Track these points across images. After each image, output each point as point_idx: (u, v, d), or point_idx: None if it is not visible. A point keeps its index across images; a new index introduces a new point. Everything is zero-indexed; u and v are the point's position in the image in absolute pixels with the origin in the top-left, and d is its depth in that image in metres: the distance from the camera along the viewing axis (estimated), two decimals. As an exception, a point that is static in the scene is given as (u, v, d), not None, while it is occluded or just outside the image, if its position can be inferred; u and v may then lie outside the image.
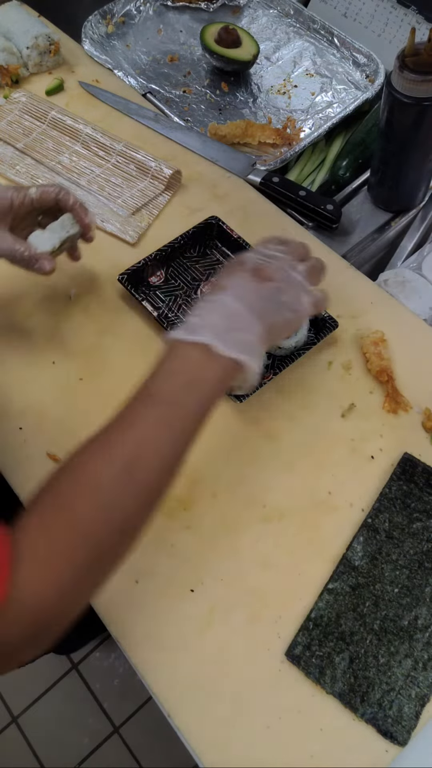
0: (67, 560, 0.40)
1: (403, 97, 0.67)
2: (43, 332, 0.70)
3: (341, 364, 0.67)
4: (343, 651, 0.53)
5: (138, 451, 0.43)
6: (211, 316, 0.48)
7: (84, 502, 0.41)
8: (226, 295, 0.50)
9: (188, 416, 0.46)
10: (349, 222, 0.82)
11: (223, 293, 0.50)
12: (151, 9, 1.04)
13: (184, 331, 0.48)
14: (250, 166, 0.83)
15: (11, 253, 0.60)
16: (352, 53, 0.95)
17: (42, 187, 0.62)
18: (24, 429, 0.64)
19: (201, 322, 0.48)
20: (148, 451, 0.43)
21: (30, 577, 0.38)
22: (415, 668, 0.52)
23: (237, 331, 0.48)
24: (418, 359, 0.67)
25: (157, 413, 0.45)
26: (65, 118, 0.85)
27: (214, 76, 0.96)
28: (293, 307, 0.53)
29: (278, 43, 0.99)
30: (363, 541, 0.57)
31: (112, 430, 0.44)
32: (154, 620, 0.54)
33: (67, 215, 0.63)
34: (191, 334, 0.47)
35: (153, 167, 0.80)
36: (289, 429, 0.63)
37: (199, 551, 0.57)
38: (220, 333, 0.47)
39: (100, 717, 1.31)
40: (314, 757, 0.50)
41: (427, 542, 0.57)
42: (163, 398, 0.45)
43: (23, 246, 0.60)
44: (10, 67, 0.89)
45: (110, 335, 0.70)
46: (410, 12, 0.91)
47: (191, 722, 0.51)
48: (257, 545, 0.58)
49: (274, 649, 0.53)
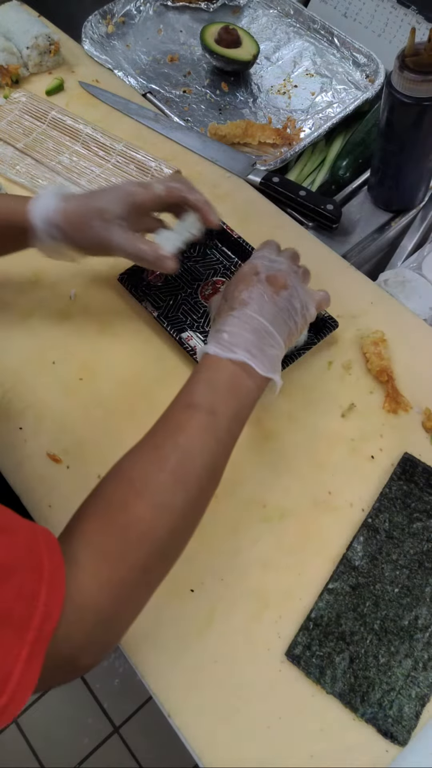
0: (126, 562, 0.41)
1: (403, 97, 0.67)
2: (43, 332, 0.70)
3: (341, 364, 0.67)
4: (343, 651, 0.53)
5: (185, 456, 0.45)
6: (242, 333, 0.51)
7: (139, 505, 0.43)
8: (249, 309, 0.53)
9: (228, 425, 0.48)
10: (349, 222, 0.82)
11: (246, 307, 0.53)
12: (151, 9, 1.04)
13: (220, 347, 0.51)
14: (250, 166, 0.83)
15: (137, 254, 0.58)
16: (352, 53, 0.95)
17: (168, 184, 0.59)
18: (24, 429, 0.64)
19: (233, 340, 0.51)
20: (194, 457, 0.45)
21: (90, 579, 0.39)
22: (415, 668, 0.52)
23: (267, 347, 0.52)
24: (418, 359, 0.67)
25: (200, 421, 0.47)
26: (65, 118, 0.85)
27: (214, 76, 0.96)
28: (302, 311, 0.56)
29: (278, 43, 0.99)
30: (363, 541, 0.57)
31: (159, 436, 0.47)
32: (155, 620, 0.54)
33: (193, 215, 0.61)
34: (228, 351, 0.50)
35: (153, 167, 0.80)
36: (289, 429, 0.63)
37: (199, 551, 0.57)
38: (253, 352, 0.51)
39: (100, 717, 1.31)
40: (314, 757, 0.50)
41: (428, 542, 0.57)
42: (205, 407, 0.47)
43: (150, 247, 0.58)
44: (10, 67, 0.89)
45: (110, 335, 0.70)
46: (410, 12, 0.91)
47: (191, 722, 0.51)
48: (257, 545, 0.58)
49: (274, 649, 0.53)
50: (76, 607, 0.38)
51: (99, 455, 0.62)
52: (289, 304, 0.54)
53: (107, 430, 0.64)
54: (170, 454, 0.45)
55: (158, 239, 0.60)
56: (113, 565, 0.41)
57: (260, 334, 0.52)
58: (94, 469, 0.61)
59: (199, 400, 0.48)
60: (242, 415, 0.50)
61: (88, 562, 0.40)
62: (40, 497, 0.61)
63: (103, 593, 0.40)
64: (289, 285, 0.55)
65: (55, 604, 0.36)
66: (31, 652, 0.34)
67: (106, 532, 0.42)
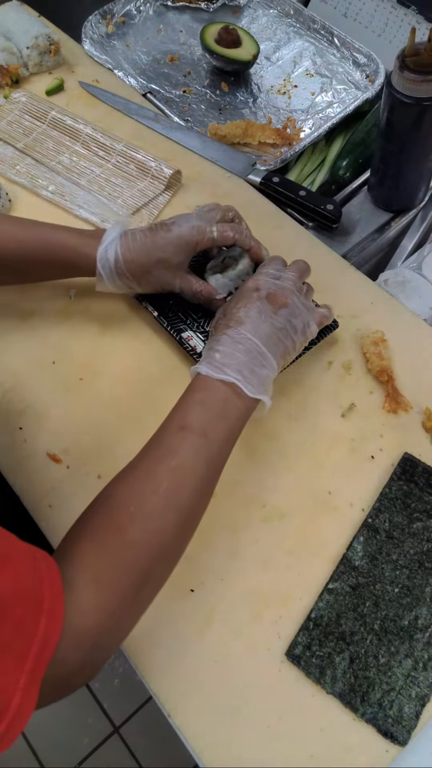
0: (120, 586, 0.42)
1: (403, 97, 0.67)
2: (43, 332, 0.70)
3: (341, 364, 0.67)
4: (343, 651, 0.53)
5: (177, 480, 0.46)
6: (234, 354, 0.52)
7: (132, 530, 0.44)
8: (243, 328, 0.53)
9: (218, 447, 0.49)
10: (349, 222, 0.82)
11: (241, 326, 0.53)
12: (151, 9, 1.04)
13: (211, 368, 0.51)
14: (250, 166, 0.83)
15: (192, 295, 0.65)
16: (352, 53, 0.95)
17: (222, 229, 0.62)
18: (24, 429, 0.64)
19: (225, 360, 0.52)
20: (187, 480, 0.46)
21: (86, 605, 0.40)
22: (415, 668, 0.52)
23: (258, 368, 0.52)
24: (418, 359, 0.67)
25: (192, 444, 0.48)
26: (65, 118, 0.85)
27: (214, 76, 0.96)
28: (302, 330, 0.57)
29: (278, 43, 0.99)
30: (363, 541, 0.57)
31: (152, 459, 0.47)
32: (155, 620, 0.54)
33: (247, 263, 0.65)
34: (219, 372, 0.51)
35: (153, 167, 0.80)
36: (289, 429, 0.63)
37: (199, 551, 0.57)
38: (244, 373, 0.51)
39: (100, 717, 1.31)
40: (314, 757, 0.50)
41: (428, 542, 0.57)
42: (197, 430, 0.48)
43: (204, 288, 0.64)
44: (10, 67, 0.89)
45: (110, 335, 0.70)
46: (410, 12, 0.91)
47: (191, 722, 0.51)
48: (257, 545, 0.58)
49: (274, 649, 0.53)
50: (73, 633, 0.38)
51: (99, 455, 0.62)
52: (288, 323, 0.55)
53: (107, 430, 0.64)
54: (163, 479, 0.46)
55: (213, 282, 0.65)
56: (109, 590, 0.41)
57: (252, 355, 0.52)
58: (94, 469, 0.61)
59: (191, 422, 0.49)
60: (233, 437, 0.51)
61: (85, 588, 0.40)
62: (40, 497, 0.61)
63: (99, 618, 0.40)
64: (289, 303, 0.55)
65: (53, 632, 0.36)
66: (29, 681, 0.35)
67: (101, 557, 0.42)
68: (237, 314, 0.55)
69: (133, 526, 0.44)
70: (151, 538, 0.44)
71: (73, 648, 0.38)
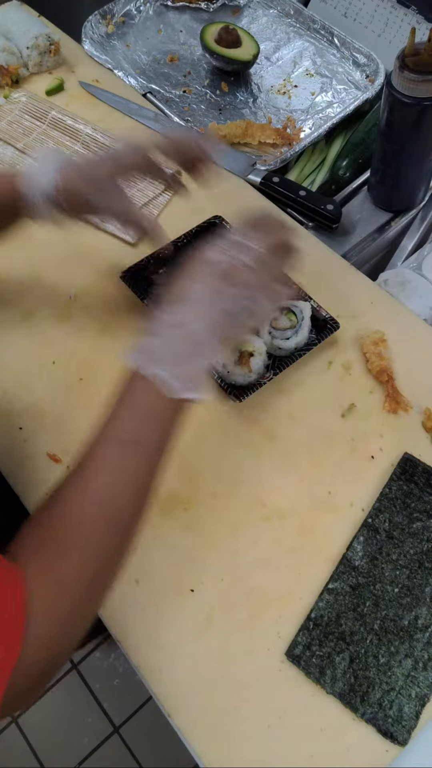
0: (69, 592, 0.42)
1: (403, 97, 0.67)
2: (43, 332, 0.70)
3: (341, 364, 0.67)
4: (343, 651, 0.53)
5: (114, 490, 0.46)
6: (168, 343, 0.48)
7: (74, 549, 0.44)
8: (188, 312, 0.48)
9: (152, 451, 0.48)
10: (349, 222, 0.82)
11: (185, 310, 0.48)
12: (151, 9, 1.04)
13: (141, 361, 0.47)
14: (250, 166, 0.83)
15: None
16: (352, 53, 0.95)
17: None
18: (24, 429, 0.64)
19: (156, 348, 0.47)
20: (123, 489, 0.46)
21: (42, 612, 0.40)
22: (415, 668, 0.52)
23: (193, 358, 0.47)
24: (418, 359, 0.67)
25: (125, 452, 0.47)
26: (65, 118, 0.85)
27: (214, 76, 0.96)
28: (253, 310, 0.51)
29: (278, 43, 0.99)
30: (363, 541, 0.57)
31: (91, 470, 0.46)
32: (155, 620, 0.54)
33: None
34: (146, 364, 0.47)
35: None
36: (289, 429, 0.63)
37: (199, 551, 0.57)
38: (173, 369, 0.46)
39: (100, 717, 1.31)
40: (314, 757, 0.50)
41: (427, 542, 0.57)
42: (130, 438, 0.47)
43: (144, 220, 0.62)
44: (10, 67, 0.89)
45: (110, 335, 0.70)
46: (410, 12, 0.91)
47: (191, 722, 0.51)
48: (257, 545, 0.58)
49: (274, 649, 0.53)
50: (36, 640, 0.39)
51: (99, 455, 0.62)
52: (236, 304, 0.49)
53: (107, 430, 0.64)
54: (100, 490, 0.45)
55: None
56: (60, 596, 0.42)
57: (189, 343, 0.47)
58: (94, 469, 0.61)
59: (122, 430, 0.47)
60: (167, 437, 0.48)
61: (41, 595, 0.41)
62: (40, 497, 0.61)
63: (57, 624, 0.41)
64: (241, 281, 0.49)
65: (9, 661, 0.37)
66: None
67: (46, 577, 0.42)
68: (183, 292, 0.49)
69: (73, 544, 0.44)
70: (92, 554, 0.44)
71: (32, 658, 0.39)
